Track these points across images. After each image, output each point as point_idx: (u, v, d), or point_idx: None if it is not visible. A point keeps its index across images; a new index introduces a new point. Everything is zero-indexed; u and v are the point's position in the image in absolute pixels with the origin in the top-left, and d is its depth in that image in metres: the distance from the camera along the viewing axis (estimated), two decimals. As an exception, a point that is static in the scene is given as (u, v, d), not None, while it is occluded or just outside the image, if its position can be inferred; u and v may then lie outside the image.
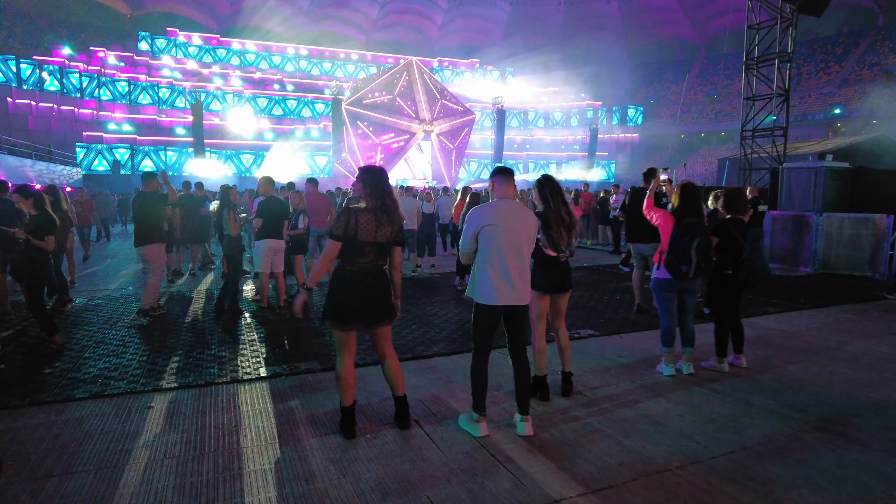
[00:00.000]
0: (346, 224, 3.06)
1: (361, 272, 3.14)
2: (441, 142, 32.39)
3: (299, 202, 6.89)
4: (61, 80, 34.13)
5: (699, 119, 45.33)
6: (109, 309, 6.63)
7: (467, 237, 3.24)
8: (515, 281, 3.22)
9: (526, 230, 3.26)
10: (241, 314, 6.31)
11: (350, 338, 3.20)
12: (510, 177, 3.34)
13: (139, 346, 5.08)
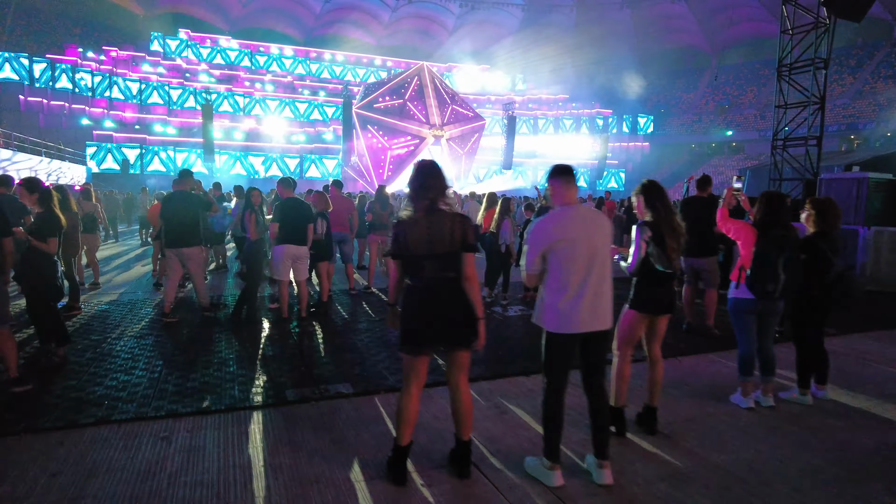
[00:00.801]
0: (395, 238, 2.61)
1: (427, 287, 2.63)
2: (451, 147, 31.99)
3: (322, 205, 6.37)
4: (73, 79, 33.97)
5: (710, 128, 44.79)
6: (117, 315, 6.13)
7: (533, 257, 2.69)
8: (597, 303, 2.70)
9: (604, 241, 2.74)
10: (260, 324, 5.79)
11: (417, 364, 2.69)
12: (572, 177, 2.79)
13: (150, 361, 4.57)
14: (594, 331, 2.71)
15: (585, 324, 2.68)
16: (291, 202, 5.79)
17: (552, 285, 2.69)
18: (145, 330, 5.54)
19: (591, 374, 2.85)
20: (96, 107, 34.02)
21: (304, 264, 5.89)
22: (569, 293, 2.65)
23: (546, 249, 2.67)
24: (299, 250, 5.77)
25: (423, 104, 31.09)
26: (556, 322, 2.68)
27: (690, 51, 51.95)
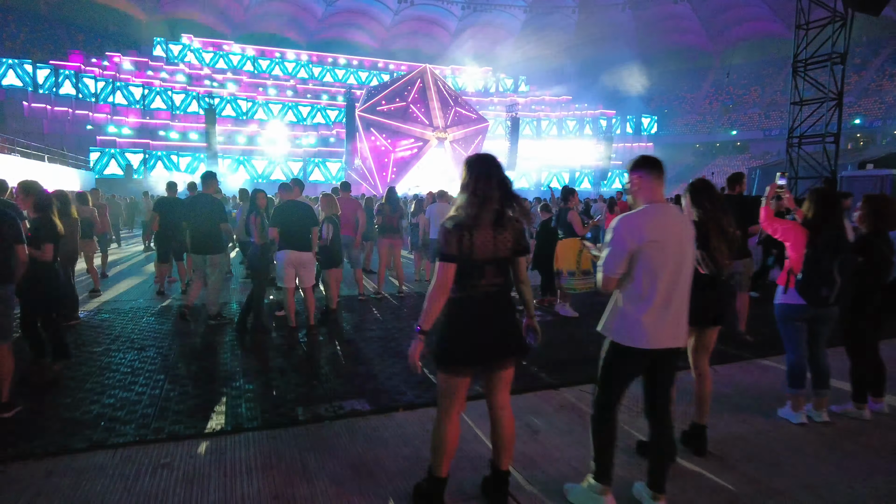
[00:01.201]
0: (459, 239, 2.22)
1: (484, 296, 2.30)
2: (454, 149, 31.73)
3: (330, 209, 6.04)
4: (76, 85, 33.85)
5: (714, 128, 44.41)
6: (118, 324, 5.83)
7: (619, 259, 2.33)
8: (679, 317, 2.39)
9: (691, 246, 2.42)
10: (266, 334, 5.48)
11: (463, 386, 2.35)
12: (662, 171, 2.43)
13: (151, 375, 4.26)
14: (669, 348, 2.38)
15: (664, 339, 2.36)
16: (290, 205, 5.44)
17: (633, 293, 2.36)
18: (147, 340, 5.23)
19: (658, 396, 2.53)
20: (100, 112, 33.92)
21: (310, 271, 5.53)
22: (653, 304, 2.32)
23: (635, 251, 2.32)
24: (302, 256, 5.39)
25: (426, 106, 30.87)
26: (632, 335, 2.35)
27: (693, 51, 51.60)
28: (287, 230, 5.33)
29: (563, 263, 6.48)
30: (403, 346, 5.08)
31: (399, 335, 5.52)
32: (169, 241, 7.41)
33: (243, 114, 37.09)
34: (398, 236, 7.51)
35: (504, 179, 2.34)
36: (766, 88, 44.96)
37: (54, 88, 33.41)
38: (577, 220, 6.45)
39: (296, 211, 5.40)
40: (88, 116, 33.35)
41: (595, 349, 5.17)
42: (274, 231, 5.32)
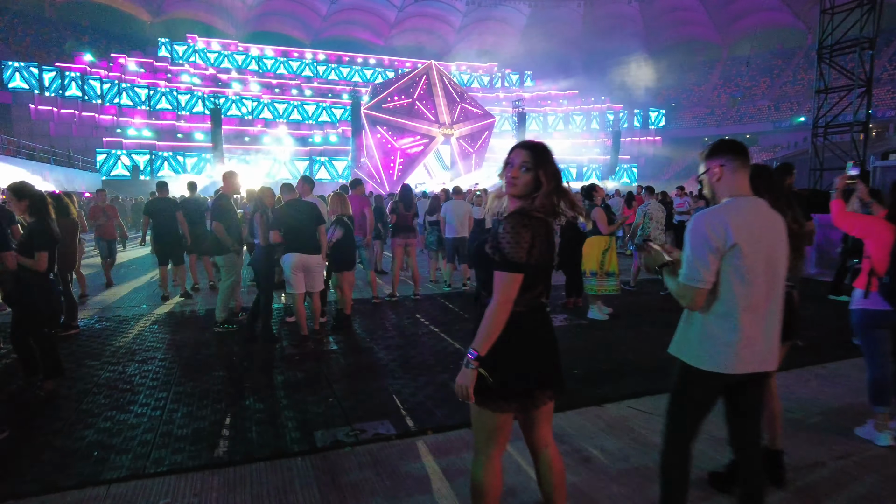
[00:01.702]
0: (531, 243, 1.78)
1: (542, 313, 1.89)
2: (461, 145, 31.31)
3: (340, 208, 5.60)
4: (82, 87, 33.68)
5: (723, 121, 43.64)
6: (119, 334, 5.45)
7: (705, 263, 1.86)
8: (772, 336, 1.94)
9: (783, 248, 1.97)
10: (276, 343, 5.08)
11: (508, 423, 1.90)
12: (747, 157, 1.98)
13: (152, 392, 3.86)
14: (759, 371, 1.95)
15: (755, 362, 1.92)
16: (292, 205, 5.03)
17: (717, 307, 1.92)
18: (149, 351, 4.85)
19: (745, 426, 2.09)
20: (106, 114, 33.76)
21: (319, 275, 5.11)
22: (743, 320, 1.88)
23: (723, 252, 1.87)
24: (309, 259, 4.97)
25: (432, 103, 30.47)
26: (717, 359, 1.91)
27: (700, 43, 50.74)
28: (291, 232, 4.91)
29: (587, 263, 6.05)
30: (425, 357, 4.66)
31: (419, 343, 5.11)
32: (163, 243, 7.02)
33: (248, 113, 36.82)
34: (413, 235, 7.09)
35: (558, 170, 1.91)
36: (775, 80, 44.11)
37: (60, 91, 33.25)
38: (602, 217, 6.00)
39: (299, 211, 4.97)
40: (94, 118, 33.19)
41: (631, 355, 4.80)
42: (275, 234, 4.90)
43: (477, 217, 8.07)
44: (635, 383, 3.99)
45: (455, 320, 5.98)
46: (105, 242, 8.10)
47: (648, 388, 3.89)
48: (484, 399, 1.83)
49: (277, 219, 4.93)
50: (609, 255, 5.98)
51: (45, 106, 32.34)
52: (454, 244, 7.48)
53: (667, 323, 5.75)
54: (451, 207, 7.45)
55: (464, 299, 7.17)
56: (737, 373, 1.90)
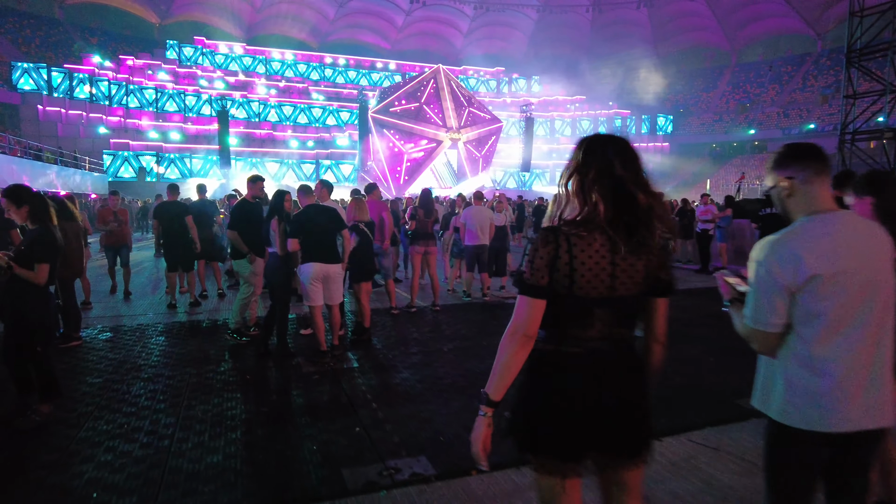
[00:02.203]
0: (551, 259, 1.41)
1: (592, 357, 1.45)
2: (468, 150, 31.03)
3: (358, 215, 5.23)
4: (91, 88, 33.55)
5: (731, 128, 43.18)
6: (124, 346, 5.07)
7: (771, 303, 1.50)
8: (876, 382, 1.51)
9: (886, 276, 1.53)
10: (292, 358, 4.70)
11: (573, 491, 1.48)
12: (826, 165, 1.58)
13: (159, 418, 3.48)
14: (866, 429, 1.54)
15: (858, 418, 1.50)
16: (312, 210, 4.61)
17: (800, 351, 1.53)
18: (156, 367, 4.47)
19: (851, 487, 1.68)
20: (113, 115, 33.63)
21: (338, 285, 4.72)
22: (835, 364, 1.49)
23: (795, 290, 1.49)
24: (329, 269, 4.57)
25: (439, 107, 30.23)
26: (807, 413, 1.51)
27: (709, 49, 50.36)
28: (311, 239, 4.52)
29: None
30: (456, 377, 4.27)
31: (446, 361, 4.72)
32: (174, 249, 6.66)
33: (255, 116, 36.64)
34: (433, 243, 6.72)
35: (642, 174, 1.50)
36: (784, 87, 43.66)
37: (69, 92, 33.13)
38: None
39: (319, 216, 4.57)
40: (102, 119, 33.04)
41: (678, 379, 4.40)
42: (294, 243, 4.50)
43: (498, 224, 7.70)
44: (693, 413, 3.59)
45: (480, 334, 5.59)
46: (113, 251, 7.37)
47: (707, 418, 3.50)
48: (532, 454, 1.46)
49: (298, 225, 4.54)
50: None
51: (54, 107, 32.19)
52: (475, 252, 7.10)
53: (704, 339, 5.38)
54: (471, 214, 7.08)
55: (487, 311, 6.78)
56: (836, 431, 1.49)
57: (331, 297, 4.67)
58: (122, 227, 7.30)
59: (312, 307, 4.59)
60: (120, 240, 7.35)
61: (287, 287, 4.86)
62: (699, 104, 47.04)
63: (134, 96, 34.66)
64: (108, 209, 7.39)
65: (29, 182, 19.59)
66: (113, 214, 7.26)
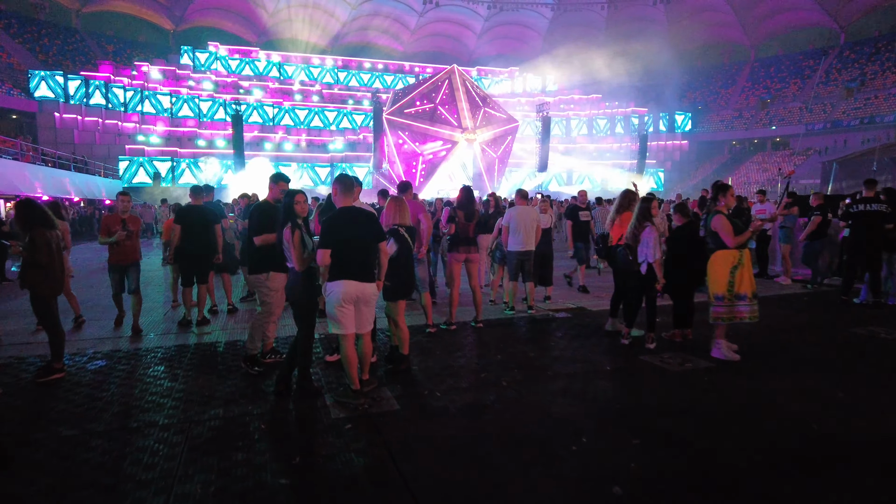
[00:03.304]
0: None
1: None
2: (484, 150, 30.12)
3: (397, 217, 4.27)
4: (106, 95, 33.27)
5: (752, 124, 41.65)
6: (114, 380, 4.15)
7: None
8: None
9: None
10: (317, 397, 3.74)
11: None
12: None
13: (143, 497, 2.54)
14: None
15: None
16: (348, 214, 3.62)
17: None
18: (149, 412, 3.54)
19: None
20: (129, 121, 33.40)
21: (372, 309, 3.72)
22: None
23: None
24: (364, 289, 3.58)
25: (454, 107, 29.43)
26: None
27: (727, 45, 48.78)
28: (344, 251, 3.52)
29: (713, 285, 4.65)
30: (530, 425, 3.28)
31: (508, 399, 3.73)
32: (197, 259, 5.76)
33: (270, 120, 36.12)
34: (475, 249, 5.73)
35: None
36: (806, 81, 42.02)
37: (85, 99, 32.85)
38: (726, 226, 4.58)
39: (356, 223, 3.58)
40: (118, 126, 32.74)
41: (819, 426, 3.05)
42: (325, 255, 3.50)
43: (544, 226, 6.71)
44: (853, 487, 2.56)
45: (540, 359, 4.59)
46: (119, 272, 5.59)
47: (879, 499, 2.46)
48: None
49: (329, 232, 3.51)
50: (740, 274, 4.57)
51: (70, 114, 32.02)
52: (519, 259, 6.10)
53: (830, 366, 4.27)
54: (515, 215, 6.09)
55: (536, 328, 5.78)
56: None
57: (362, 323, 3.68)
58: (132, 240, 5.63)
59: (343, 337, 3.61)
60: (129, 256, 5.61)
61: (312, 308, 3.89)
62: (718, 101, 45.56)
63: (149, 102, 34.33)
64: (114, 216, 5.65)
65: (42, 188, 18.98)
66: (121, 223, 5.50)
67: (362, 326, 3.68)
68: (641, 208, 4.92)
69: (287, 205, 3.79)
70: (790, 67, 44.01)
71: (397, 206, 4.26)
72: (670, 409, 3.55)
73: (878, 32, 40.86)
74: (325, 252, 3.48)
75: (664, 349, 4.87)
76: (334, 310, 3.54)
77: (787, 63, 44.61)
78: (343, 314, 3.53)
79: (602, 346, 5.00)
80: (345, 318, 3.54)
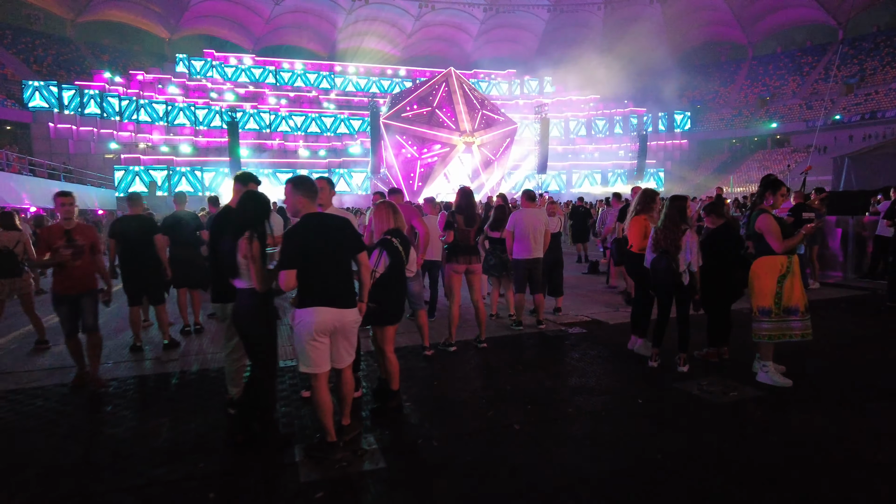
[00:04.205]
0: None
1: None
2: (483, 153, 29.46)
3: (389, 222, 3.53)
4: (101, 104, 32.65)
5: (751, 122, 40.95)
6: (44, 427, 3.39)
7: None
8: None
9: None
10: (286, 446, 2.99)
11: None
12: None
13: None
14: None
15: None
16: (314, 222, 2.84)
17: None
18: (79, 475, 2.78)
19: None
20: (124, 130, 32.79)
21: (352, 340, 2.95)
22: None
23: None
24: (343, 316, 2.82)
25: (452, 111, 28.78)
26: None
27: (724, 43, 48.11)
28: (313, 270, 2.76)
29: (757, 296, 3.91)
30: (555, 488, 2.52)
31: (523, 449, 2.97)
32: (136, 275, 5.04)
33: (267, 127, 35.48)
34: (477, 259, 4.98)
35: None
36: (805, 78, 41.35)
37: (80, 108, 32.24)
38: (774, 228, 3.84)
39: (326, 233, 2.81)
40: (113, 135, 32.11)
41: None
42: (289, 276, 2.72)
43: (553, 231, 5.97)
44: None
45: (557, 389, 3.84)
46: (67, 303, 3.98)
47: None
48: None
49: (292, 246, 2.74)
50: (789, 283, 3.82)
51: (65, 124, 31.38)
52: (527, 268, 5.36)
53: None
54: (522, 218, 5.35)
55: (549, 346, 5.02)
56: None
57: (340, 357, 2.91)
58: (84, 260, 4.02)
59: (315, 377, 2.83)
60: (80, 282, 4.00)
61: (269, 337, 3.10)
62: (717, 99, 44.87)
63: (144, 111, 33.72)
64: (55, 226, 4.13)
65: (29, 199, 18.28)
66: (64, 235, 3.95)
67: (340, 360, 2.92)
68: (676, 208, 4.15)
69: (247, 209, 2.99)
70: (789, 65, 43.36)
71: (388, 212, 3.51)
72: (728, 461, 2.80)
73: (877, 28, 40.20)
74: (289, 273, 2.71)
75: (698, 371, 4.12)
76: (304, 344, 2.78)
77: (786, 60, 43.95)
78: (315, 349, 2.78)
79: (627, 371, 4.25)
80: (317, 353, 2.78)
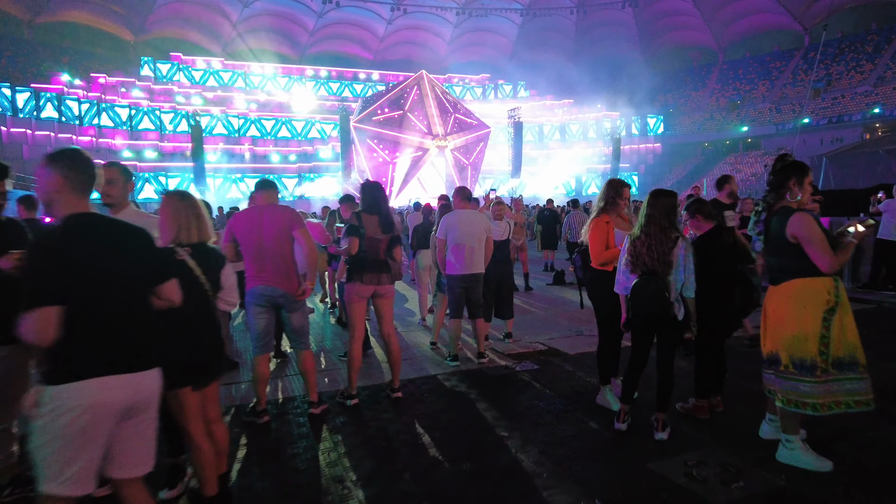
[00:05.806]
0: None
1: None
2: (455, 157, 28.43)
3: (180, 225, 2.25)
4: (59, 108, 30.54)
5: (723, 125, 40.71)
6: None
7: None
8: None
9: None
10: None
11: None
12: None
13: None
14: None
15: None
16: (85, 230, 1.69)
17: None
18: None
19: None
20: (84, 135, 30.67)
21: (150, 423, 1.82)
22: None
23: None
24: (139, 386, 1.53)
25: (424, 114, 27.79)
26: None
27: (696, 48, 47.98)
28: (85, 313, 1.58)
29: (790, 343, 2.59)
30: None
31: None
32: None
33: (235, 131, 33.76)
34: (388, 278, 3.69)
35: None
36: (774, 82, 41.31)
37: (35, 112, 30.08)
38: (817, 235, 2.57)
39: (108, 247, 1.71)
40: (72, 140, 30.00)
41: None
42: (46, 318, 1.53)
43: (497, 238, 4.72)
44: None
45: (488, 474, 2.58)
46: None
47: None
48: None
49: (47, 275, 1.55)
50: (839, 322, 2.55)
51: (18, 128, 29.20)
52: (462, 286, 4.11)
53: None
54: (456, 223, 4.11)
55: (488, 395, 3.75)
56: None
57: (130, 459, 1.67)
58: None
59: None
60: None
61: None
62: (689, 103, 44.64)
63: (106, 115, 31.71)
64: None
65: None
66: None
67: (130, 466, 1.63)
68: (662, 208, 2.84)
69: None
70: (758, 69, 43.34)
71: (178, 208, 2.20)
72: None
73: (842, 34, 40.37)
74: (44, 313, 1.53)
75: (681, 437, 2.90)
76: (55, 445, 1.49)
77: (755, 65, 43.93)
78: (80, 450, 1.50)
79: (587, 437, 3.02)
80: (82, 456, 1.50)
